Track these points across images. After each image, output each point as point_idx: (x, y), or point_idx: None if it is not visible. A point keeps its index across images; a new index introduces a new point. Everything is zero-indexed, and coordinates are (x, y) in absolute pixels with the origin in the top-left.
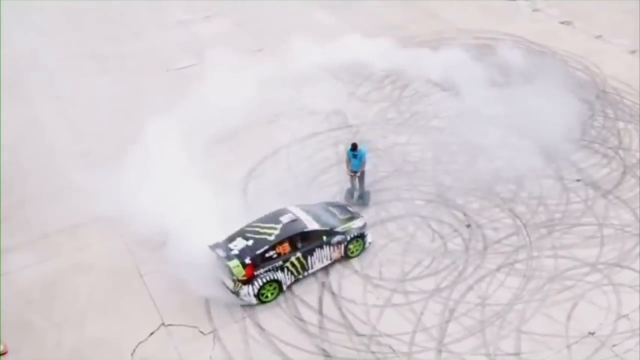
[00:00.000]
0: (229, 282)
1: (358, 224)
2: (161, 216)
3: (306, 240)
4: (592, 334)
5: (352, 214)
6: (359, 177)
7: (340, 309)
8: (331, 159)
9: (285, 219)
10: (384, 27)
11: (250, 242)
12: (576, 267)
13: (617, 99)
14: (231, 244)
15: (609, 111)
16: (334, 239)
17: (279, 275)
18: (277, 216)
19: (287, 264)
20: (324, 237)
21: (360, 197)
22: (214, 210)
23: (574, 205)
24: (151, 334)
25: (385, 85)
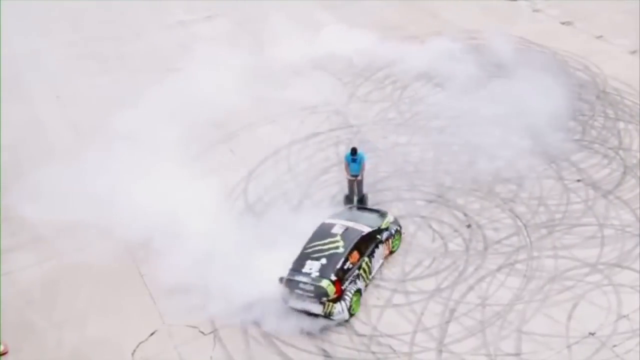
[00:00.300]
0: (316, 308)
1: (391, 218)
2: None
3: (366, 243)
4: (593, 334)
5: (379, 211)
6: (359, 181)
7: None
8: (332, 159)
9: (338, 230)
10: (384, 26)
11: (323, 261)
12: (576, 267)
13: (618, 99)
14: (304, 269)
15: (610, 111)
16: (383, 236)
17: (359, 284)
18: (327, 231)
19: (360, 270)
20: (377, 237)
21: (359, 201)
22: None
23: (574, 205)
24: (152, 334)
25: (386, 85)
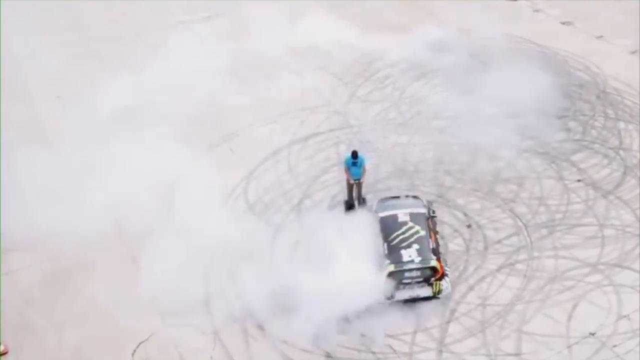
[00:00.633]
0: (425, 291)
1: (424, 200)
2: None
3: (429, 223)
4: (593, 334)
5: (412, 195)
6: (360, 183)
7: None
8: (332, 159)
9: (404, 218)
10: (384, 26)
11: (416, 246)
12: (577, 267)
13: (618, 99)
14: (404, 258)
15: (610, 111)
16: (432, 215)
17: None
18: (395, 221)
19: (438, 247)
20: (431, 216)
21: (360, 204)
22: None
23: (574, 205)
24: (152, 334)
25: (387, 85)
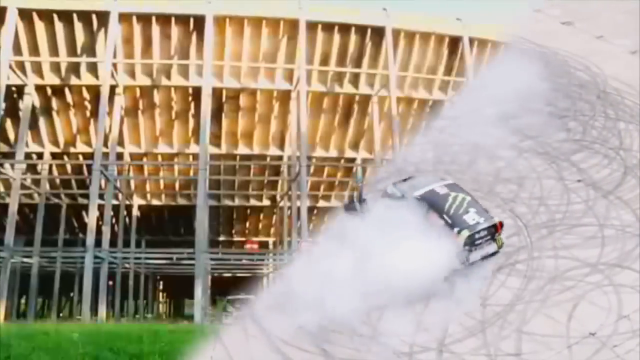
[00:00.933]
0: (492, 247)
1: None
2: None
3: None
4: (593, 334)
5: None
6: (362, 185)
7: None
8: None
9: (442, 190)
10: None
11: (472, 209)
12: (577, 267)
13: (618, 99)
14: (470, 222)
15: (610, 112)
16: None
17: None
18: (438, 194)
19: None
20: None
21: (360, 204)
22: None
23: (574, 205)
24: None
25: None
